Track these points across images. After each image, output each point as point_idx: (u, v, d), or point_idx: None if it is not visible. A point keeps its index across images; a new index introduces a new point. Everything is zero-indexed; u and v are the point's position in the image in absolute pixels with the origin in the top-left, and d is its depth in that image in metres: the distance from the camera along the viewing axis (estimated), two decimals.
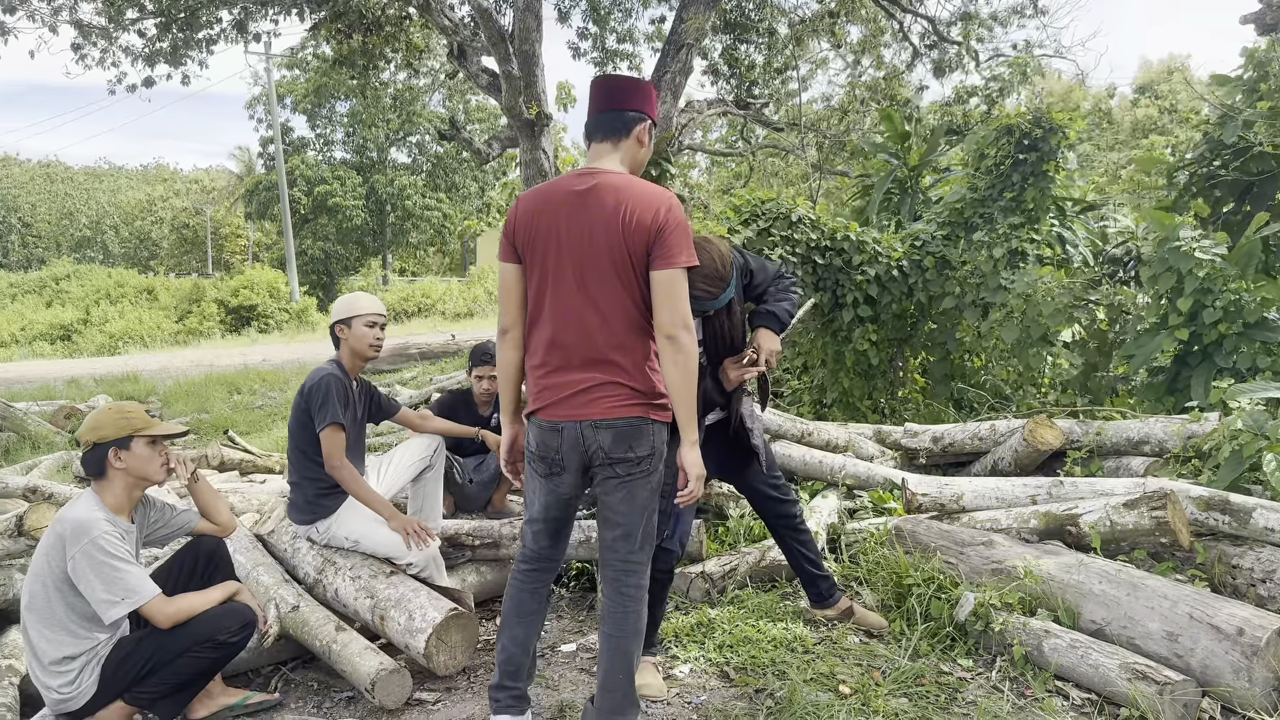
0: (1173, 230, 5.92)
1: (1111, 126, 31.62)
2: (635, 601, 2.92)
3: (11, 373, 16.84)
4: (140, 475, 3.22)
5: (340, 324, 4.10)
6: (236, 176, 55.83)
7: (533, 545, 3.06)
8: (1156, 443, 4.85)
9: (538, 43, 10.72)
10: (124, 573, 3.03)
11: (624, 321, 2.81)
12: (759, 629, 3.94)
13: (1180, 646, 3.29)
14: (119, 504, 3.21)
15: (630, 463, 2.83)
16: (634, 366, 2.83)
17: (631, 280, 2.79)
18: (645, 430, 2.84)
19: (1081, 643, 3.41)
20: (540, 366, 2.89)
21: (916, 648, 3.74)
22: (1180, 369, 5.92)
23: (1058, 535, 4.11)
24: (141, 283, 36.31)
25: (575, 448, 2.84)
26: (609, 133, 2.93)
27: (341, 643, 3.52)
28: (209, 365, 16.12)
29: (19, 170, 63.96)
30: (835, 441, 5.64)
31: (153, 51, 12.04)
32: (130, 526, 3.24)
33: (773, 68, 13.79)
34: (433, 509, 4.44)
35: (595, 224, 2.78)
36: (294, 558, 4.11)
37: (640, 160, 3.01)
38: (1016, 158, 7.10)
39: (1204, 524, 3.96)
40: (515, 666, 3.03)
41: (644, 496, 2.89)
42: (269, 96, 36.87)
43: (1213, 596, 3.39)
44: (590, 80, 3.05)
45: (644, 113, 2.97)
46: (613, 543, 2.92)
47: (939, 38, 13.61)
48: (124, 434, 3.19)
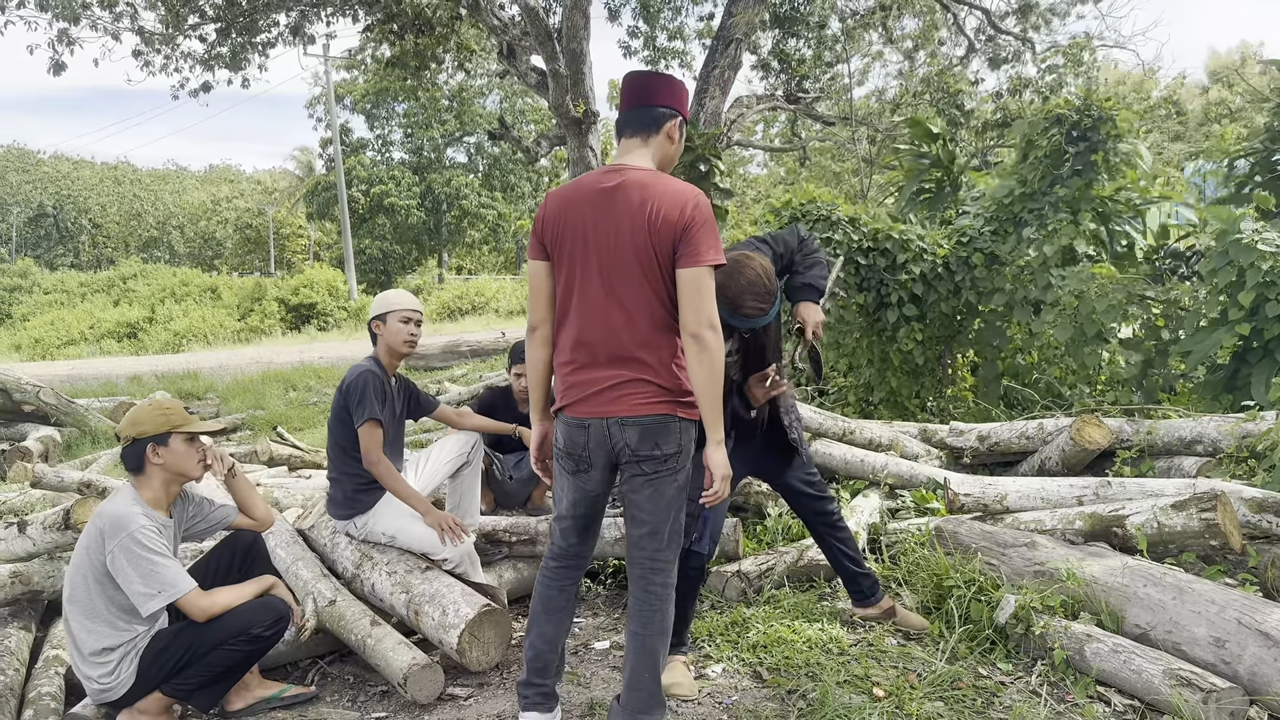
0: (1233, 223, 5.74)
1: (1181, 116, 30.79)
2: (662, 600, 2.90)
3: (78, 369, 17.34)
4: (178, 471, 3.28)
5: (376, 320, 4.14)
6: (298, 177, 56.91)
7: (561, 542, 3.06)
8: (1210, 442, 4.71)
9: (585, 40, 10.74)
10: (161, 566, 3.09)
11: (650, 319, 2.80)
12: (794, 629, 3.90)
13: (1227, 653, 3.18)
14: (157, 498, 3.28)
15: (657, 460, 2.82)
16: (660, 364, 2.81)
17: (658, 278, 2.77)
18: (672, 427, 2.82)
19: (1124, 647, 3.32)
20: (568, 364, 2.89)
21: (954, 650, 3.67)
22: (1240, 366, 5.74)
23: (1103, 537, 4.01)
24: (205, 281, 37.18)
25: (602, 445, 2.83)
26: (638, 129, 2.92)
27: (376, 637, 3.56)
28: (267, 362, 16.43)
29: (89, 172, 65.82)
30: (879, 440, 5.56)
31: (212, 56, 12.31)
32: (168, 521, 3.30)
33: (823, 62, 13.66)
34: (470, 505, 4.47)
35: (621, 221, 2.77)
36: (333, 552, 4.16)
37: (670, 157, 2.99)
38: (1066, 149, 6.93)
39: (1257, 526, 3.84)
40: (543, 664, 3.04)
41: (671, 494, 2.87)
42: (328, 98, 37.46)
43: (1262, 601, 3.27)
44: (623, 76, 3.04)
45: (674, 109, 2.95)
46: (639, 540, 2.91)
47: (995, 29, 13.36)
48: (162, 430, 3.25)
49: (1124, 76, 22.16)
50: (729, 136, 12.36)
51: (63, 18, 10.18)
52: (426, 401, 4.42)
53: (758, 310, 3.31)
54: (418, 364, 14.54)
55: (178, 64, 12.59)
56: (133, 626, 3.15)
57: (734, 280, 3.30)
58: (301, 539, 4.37)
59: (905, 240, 6.77)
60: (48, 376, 13.49)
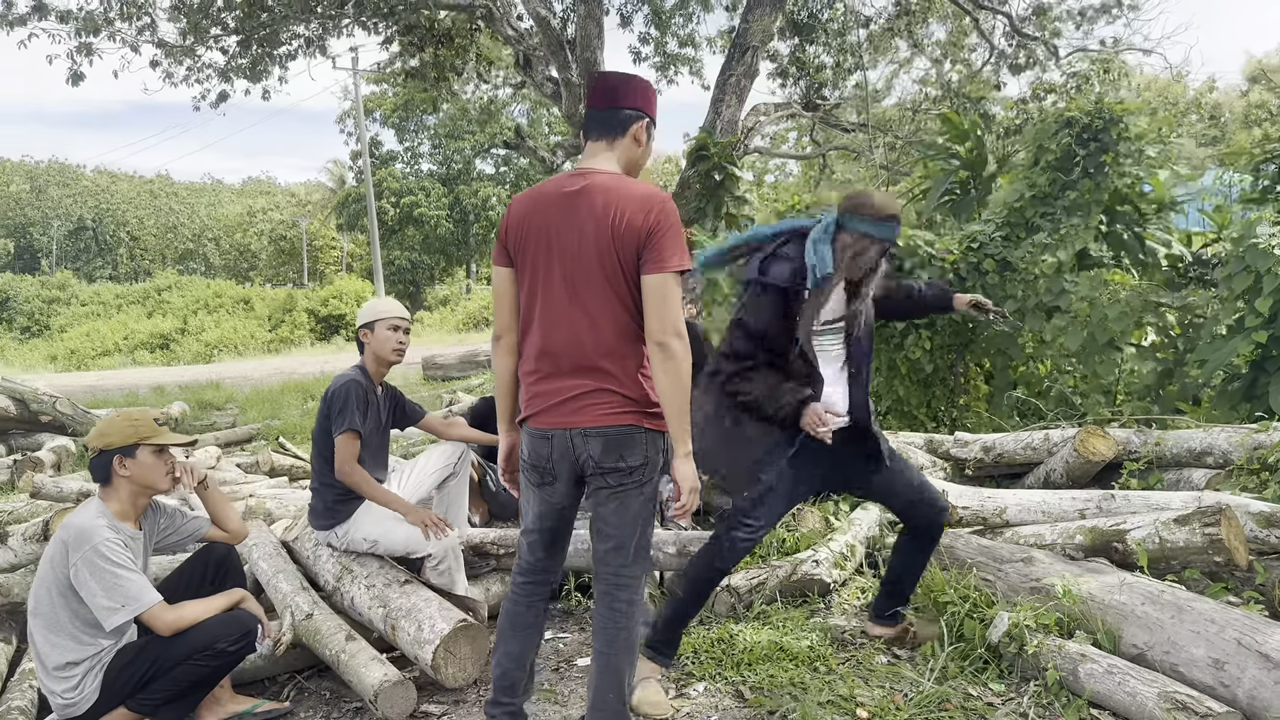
0: (1250, 228, 5.57)
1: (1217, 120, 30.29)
2: (627, 618, 2.80)
3: (105, 380, 17.55)
4: (145, 483, 3.24)
5: (364, 328, 4.09)
6: (330, 189, 57.53)
7: (528, 556, 2.98)
8: (1220, 454, 4.54)
9: (599, 49, 10.70)
10: (124, 579, 3.05)
11: (615, 327, 2.71)
12: (782, 647, 3.79)
13: (1226, 675, 3.04)
14: (124, 511, 3.24)
15: (622, 472, 2.73)
16: (625, 374, 2.72)
17: (622, 285, 2.69)
18: (637, 439, 2.73)
19: (1119, 668, 3.18)
20: (531, 373, 2.81)
21: (945, 670, 3.54)
22: (1258, 375, 5.56)
23: (1103, 552, 3.87)
24: (239, 293, 37.67)
25: (566, 456, 2.75)
26: (604, 131, 2.83)
27: (350, 652, 3.49)
28: (290, 372, 16.52)
29: (127, 186, 66.96)
30: None
31: (231, 67, 12.41)
32: (136, 533, 3.26)
33: (843, 69, 13.53)
34: (458, 516, 4.41)
35: (585, 226, 2.69)
36: (315, 564, 4.12)
37: (637, 160, 2.90)
38: (1077, 152, 6.77)
39: (1265, 542, 3.68)
40: (510, 682, 2.96)
41: (637, 508, 2.78)
42: (356, 111, 37.81)
43: (1264, 621, 3.12)
44: (589, 75, 2.97)
45: (642, 111, 2.85)
46: (605, 555, 2.82)
47: (1018, 34, 13.18)
48: (130, 442, 3.21)
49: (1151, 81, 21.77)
50: (746, 144, 12.28)
51: (84, 30, 10.30)
52: (413, 411, 4.36)
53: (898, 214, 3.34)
54: (435, 374, 14.56)
55: (200, 75, 12.72)
56: (97, 640, 3.11)
57: (865, 195, 3.33)
58: (286, 551, 4.33)
59: (912, 246, 6.64)
60: (73, 387, 13.67)
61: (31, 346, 33.77)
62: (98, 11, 10.25)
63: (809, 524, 4.80)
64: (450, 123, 40.27)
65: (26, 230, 61.93)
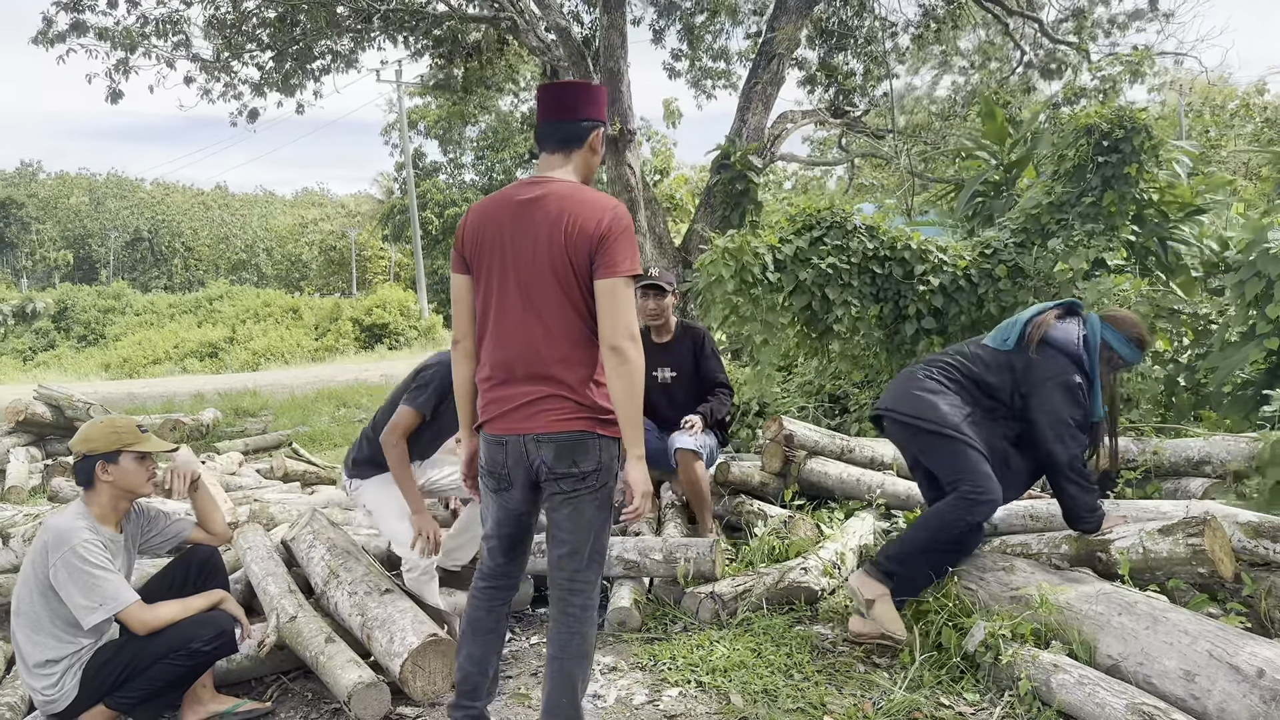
0: (1261, 232, 5.45)
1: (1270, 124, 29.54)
2: (580, 622, 2.82)
3: (151, 387, 17.97)
4: (126, 488, 3.34)
5: None
6: (378, 201, 58.35)
7: (488, 562, 3.02)
8: (1219, 463, 4.45)
9: (622, 60, 10.76)
10: (102, 580, 3.14)
11: (568, 334, 2.74)
12: (760, 653, 3.79)
13: (1197, 687, 2.98)
14: (104, 514, 3.33)
15: (575, 478, 2.75)
16: (579, 380, 2.75)
17: (576, 292, 2.72)
18: (590, 445, 2.75)
19: (1090, 679, 3.14)
20: (487, 379, 2.85)
21: (919, 678, 3.52)
22: (1271, 382, 5.43)
23: (1088, 562, 3.81)
24: (287, 302, 38.29)
25: (520, 462, 2.78)
26: (561, 144, 2.86)
27: (329, 654, 3.55)
28: (328, 380, 16.77)
29: (181, 198, 68.56)
30: (881, 458, 5.40)
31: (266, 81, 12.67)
32: (116, 535, 3.36)
33: (873, 75, 13.46)
34: (470, 543, 4.36)
35: (539, 234, 2.73)
36: (307, 566, 4.20)
37: (593, 167, 2.94)
38: (1095, 160, 6.68)
39: (1254, 553, 3.60)
40: (472, 686, 2.99)
41: (591, 513, 2.80)
42: (400, 124, 38.33)
43: (1236, 633, 3.06)
44: (538, 87, 3.00)
45: (597, 119, 2.90)
46: (559, 560, 2.84)
47: (1050, 39, 13.01)
48: (113, 448, 3.31)
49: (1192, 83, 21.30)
50: (772, 151, 12.26)
51: (121, 47, 10.60)
52: None
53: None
54: None
55: (237, 90, 13.00)
56: (77, 639, 3.20)
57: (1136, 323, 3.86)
58: (285, 550, 4.42)
59: (923, 251, 6.59)
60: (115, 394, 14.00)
61: (87, 355, 34.66)
62: (134, 28, 10.54)
63: (800, 531, 4.79)
64: (492, 134, 40.68)
65: (86, 241, 63.63)
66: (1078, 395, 3.67)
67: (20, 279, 54.96)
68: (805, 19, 11.81)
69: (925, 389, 3.78)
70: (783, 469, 5.41)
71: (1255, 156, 20.36)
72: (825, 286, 6.41)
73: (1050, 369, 3.71)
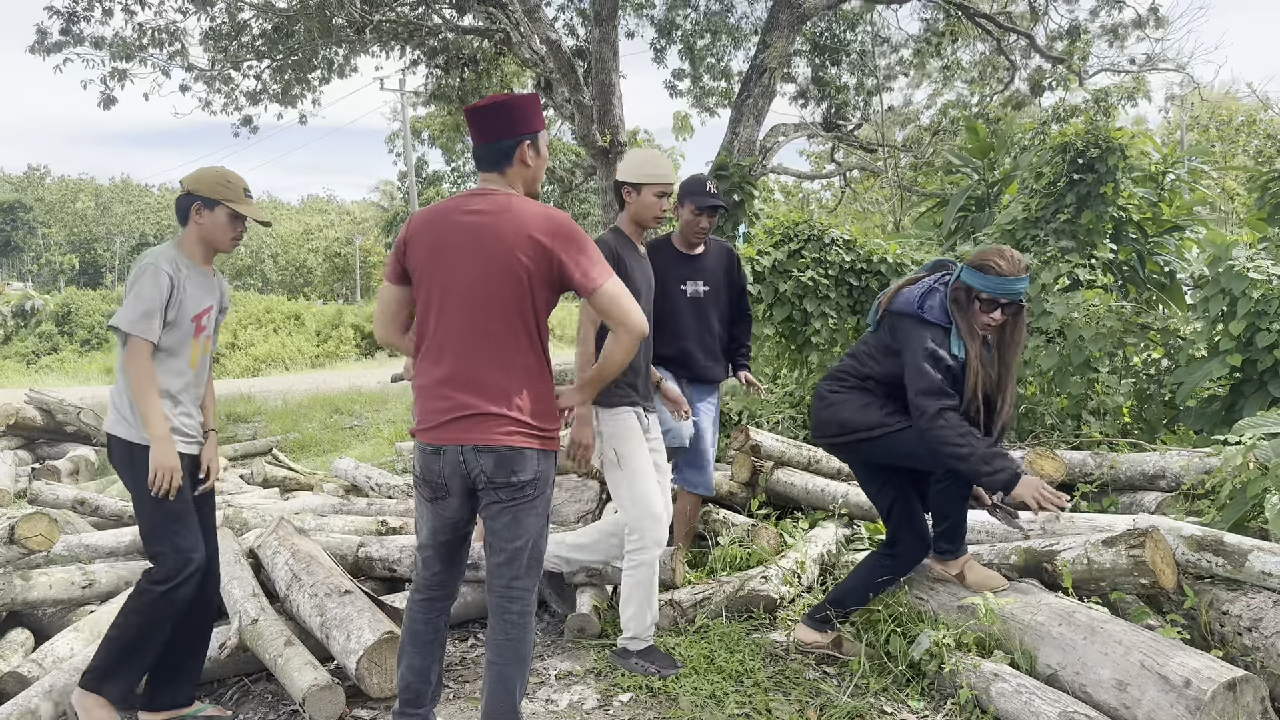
0: (1225, 249, 5.52)
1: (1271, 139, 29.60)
2: (517, 628, 2.88)
3: None
4: (210, 238, 3.45)
5: (628, 186, 3.98)
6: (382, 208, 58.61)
7: (424, 572, 3.05)
8: (1173, 477, 4.51)
9: (614, 72, 10.87)
10: (143, 302, 3.24)
11: (509, 350, 2.78)
12: (713, 660, 3.85)
13: (1129, 696, 3.05)
14: (192, 251, 3.46)
15: (514, 487, 2.80)
16: (519, 394, 2.79)
17: (518, 308, 2.77)
18: (529, 455, 2.80)
19: (1027, 688, 3.21)
20: (426, 389, 2.88)
21: (866, 685, 3.59)
22: (1236, 398, 5.50)
23: (1035, 573, 3.88)
24: (290, 309, 38.39)
25: (458, 471, 2.81)
26: (491, 165, 2.89)
27: (287, 656, 3.63)
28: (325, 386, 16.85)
29: None
30: (846, 468, 5.46)
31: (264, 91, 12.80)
32: (206, 271, 3.49)
33: (864, 89, 13.56)
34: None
35: (483, 249, 2.76)
36: (272, 571, 4.27)
37: (534, 176, 2.95)
38: (1071, 177, 6.76)
39: (1198, 566, 3.66)
40: (414, 694, 3.03)
41: (529, 521, 2.86)
42: (404, 132, 38.51)
43: (1168, 643, 3.13)
44: (464, 110, 3.03)
45: (521, 134, 2.88)
46: (497, 569, 2.89)
47: (1042, 55, 13.10)
48: (214, 197, 3.40)
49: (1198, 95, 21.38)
50: (764, 164, 12.35)
51: (118, 56, 10.72)
52: None
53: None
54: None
55: (237, 101, 13.14)
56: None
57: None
58: (254, 558, 4.49)
59: (899, 264, 6.67)
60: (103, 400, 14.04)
61: (90, 359, 34.74)
62: (130, 38, 10.67)
63: (763, 540, 4.86)
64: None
65: (91, 246, 64.01)
66: (930, 352, 3.47)
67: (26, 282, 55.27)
68: (796, 34, 11.92)
69: (830, 404, 3.79)
70: (751, 479, 5.48)
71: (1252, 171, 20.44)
72: (804, 298, 6.49)
73: (900, 336, 3.62)
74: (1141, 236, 7.30)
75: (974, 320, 3.52)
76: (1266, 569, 3.44)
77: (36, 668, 3.65)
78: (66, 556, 4.73)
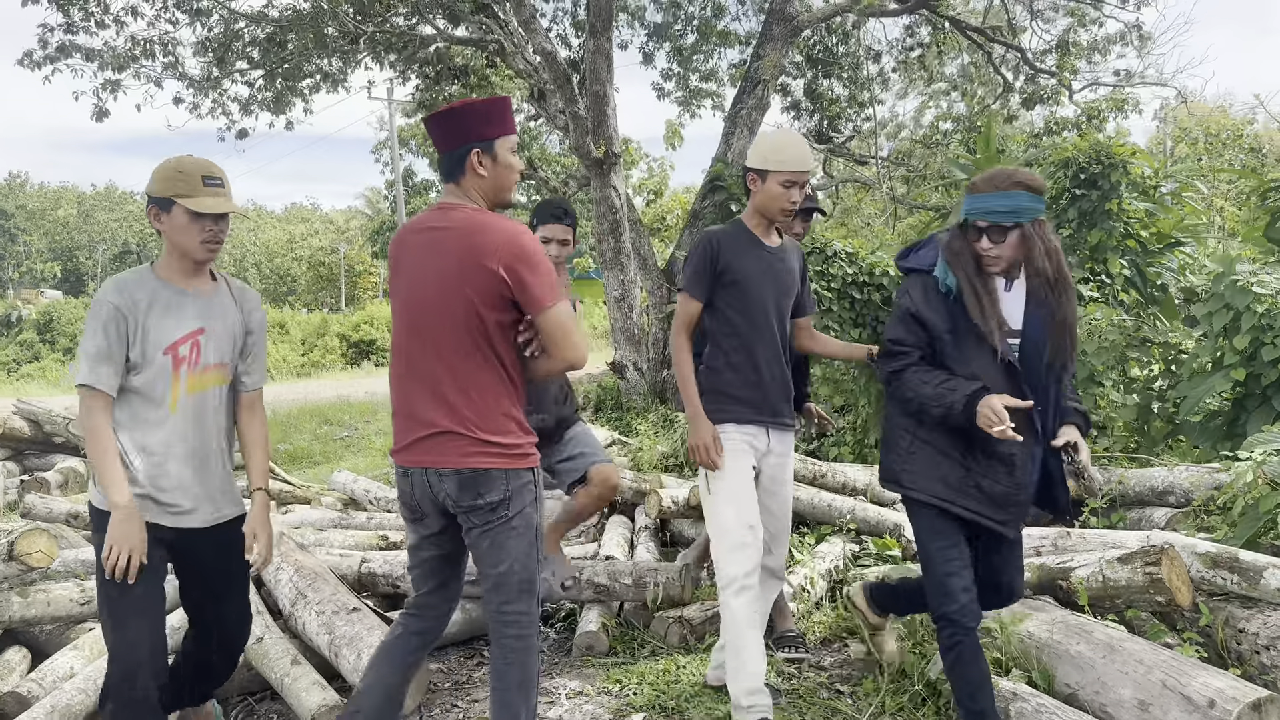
0: (1230, 264, 5.54)
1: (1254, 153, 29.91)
2: (515, 653, 2.76)
3: None
4: (176, 244, 2.84)
5: (753, 174, 3.42)
6: (368, 216, 58.41)
7: (413, 592, 2.97)
8: (1182, 493, 4.50)
9: (608, 83, 10.84)
10: (84, 344, 2.74)
11: (467, 370, 2.69)
12: None
13: (1150, 717, 3.02)
14: (169, 264, 2.88)
15: (484, 510, 2.69)
16: (478, 414, 2.68)
17: (475, 328, 2.66)
18: (494, 476, 2.68)
19: (1047, 708, 3.17)
20: (395, 409, 2.82)
21: (882, 704, 3.55)
22: (1239, 413, 5.50)
23: (1050, 590, 3.86)
24: (274, 317, 38.17)
25: (426, 494, 2.73)
26: (447, 176, 2.79)
27: (294, 676, 3.57)
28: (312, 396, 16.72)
29: None
30: (853, 484, 5.44)
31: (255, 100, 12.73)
32: (185, 290, 2.87)
33: (857, 102, 13.61)
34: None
35: (443, 265, 2.68)
36: (275, 589, 4.20)
37: (492, 185, 2.79)
38: (1073, 193, 6.77)
39: (1212, 583, 3.65)
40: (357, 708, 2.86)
41: (511, 544, 2.73)
42: (391, 141, 38.44)
43: (1190, 663, 3.11)
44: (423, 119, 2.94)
45: (471, 142, 2.74)
46: (487, 594, 2.79)
47: (1033, 69, 13.18)
48: (163, 195, 2.81)
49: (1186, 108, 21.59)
50: None
51: (110, 67, 10.63)
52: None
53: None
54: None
55: (225, 108, 13.05)
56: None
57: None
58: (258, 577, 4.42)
59: (900, 278, 6.66)
60: None
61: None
62: (123, 50, 10.58)
63: None
64: None
65: (73, 254, 63.51)
66: (902, 312, 3.11)
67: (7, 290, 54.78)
68: (790, 46, 11.94)
69: None
70: None
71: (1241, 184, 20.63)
72: None
73: None
74: (1141, 251, 7.33)
75: (966, 251, 3.02)
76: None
77: (37, 687, 3.58)
78: (63, 572, 4.64)
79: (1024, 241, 2.96)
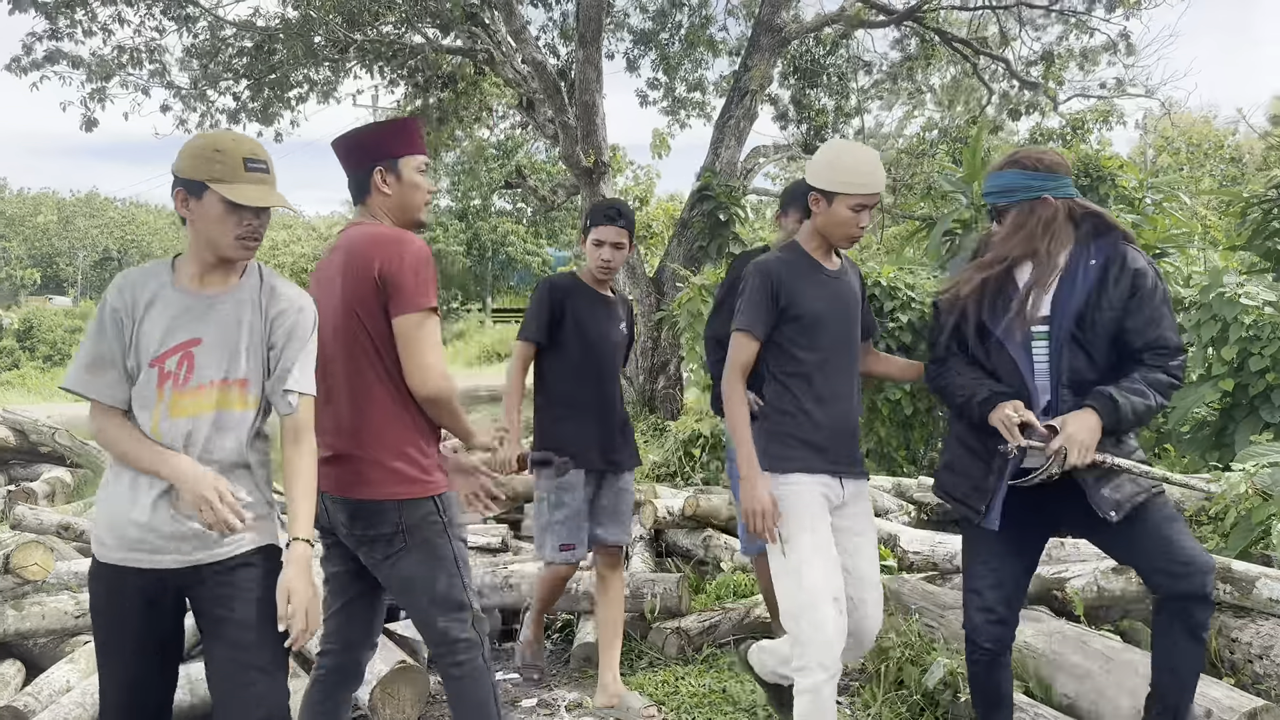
0: (1217, 275, 5.61)
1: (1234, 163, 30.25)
2: (458, 681, 2.63)
3: None
4: (206, 238, 2.32)
5: (816, 193, 2.97)
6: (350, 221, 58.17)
7: (324, 629, 2.78)
8: (1173, 503, 4.54)
9: (598, 93, 10.90)
10: (82, 346, 2.32)
11: (361, 384, 2.60)
12: (725, 690, 3.83)
13: None
14: (186, 261, 2.40)
15: (379, 541, 2.56)
16: (373, 434, 2.57)
17: (357, 340, 2.59)
18: (386, 508, 2.55)
19: (1045, 718, 3.21)
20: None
21: (880, 715, 3.57)
22: (1227, 423, 5.57)
23: (1045, 601, 3.90)
24: None
25: (321, 519, 2.60)
26: (354, 197, 2.78)
27: (292, 688, 3.55)
28: None
29: (153, 217, 68.05)
30: None
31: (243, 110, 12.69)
32: (201, 294, 2.34)
33: (843, 112, 13.70)
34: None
35: (331, 285, 2.64)
36: None
37: (397, 203, 2.71)
38: None
39: None
40: None
41: (413, 570, 2.57)
42: None
43: None
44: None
45: (373, 163, 2.69)
46: (416, 625, 2.71)
47: (1019, 81, 13.30)
48: (195, 177, 2.28)
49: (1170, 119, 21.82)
50: (745, 185, 12.42)
51: (97, 76, 10.59)
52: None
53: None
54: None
55: (213, 118, 13.01)
56: None
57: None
58: None
59: (892, 288, 6.71)
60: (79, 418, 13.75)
61: (53, 375, 34.07)
62: (110, 58, 10.54)
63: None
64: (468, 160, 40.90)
65: (54, 260, 63.01)
66: (934, 310, 3.15)
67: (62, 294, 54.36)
68: (778, 57, 12.01)
69: None
70: None
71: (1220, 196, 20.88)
72: None
73: None
74: None
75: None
76: (1275, 596, 3.48)
77: (34, 701, 3.55)
78: (56, 585, 4.60)
79: (1017, 220, 2.77)
